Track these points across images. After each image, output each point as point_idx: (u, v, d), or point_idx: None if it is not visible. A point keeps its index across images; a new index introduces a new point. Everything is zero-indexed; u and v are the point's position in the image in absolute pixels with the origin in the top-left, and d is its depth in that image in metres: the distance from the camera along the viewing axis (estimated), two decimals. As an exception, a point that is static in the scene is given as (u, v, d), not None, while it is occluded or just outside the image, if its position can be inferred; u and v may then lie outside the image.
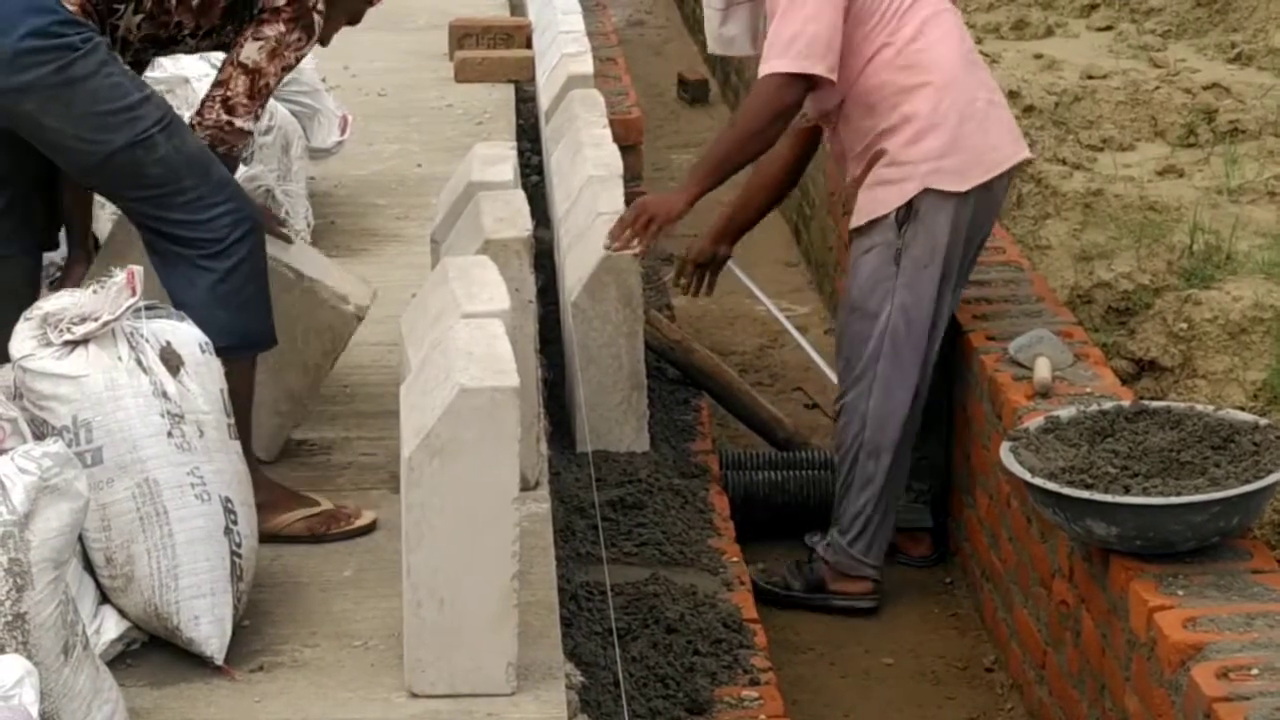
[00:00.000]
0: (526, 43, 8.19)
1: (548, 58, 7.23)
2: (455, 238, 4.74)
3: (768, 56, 5.19)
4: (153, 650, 3.79)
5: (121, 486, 3.69)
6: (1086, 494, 4.29)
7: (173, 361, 3.78)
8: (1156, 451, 4.44)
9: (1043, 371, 5.11)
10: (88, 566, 3.74)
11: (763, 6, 5.30)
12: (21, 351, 3.71)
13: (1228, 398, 5.48)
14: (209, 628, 3.74)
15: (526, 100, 7.96)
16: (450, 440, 3.53)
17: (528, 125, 7.76)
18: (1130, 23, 9.03)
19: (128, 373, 3.72)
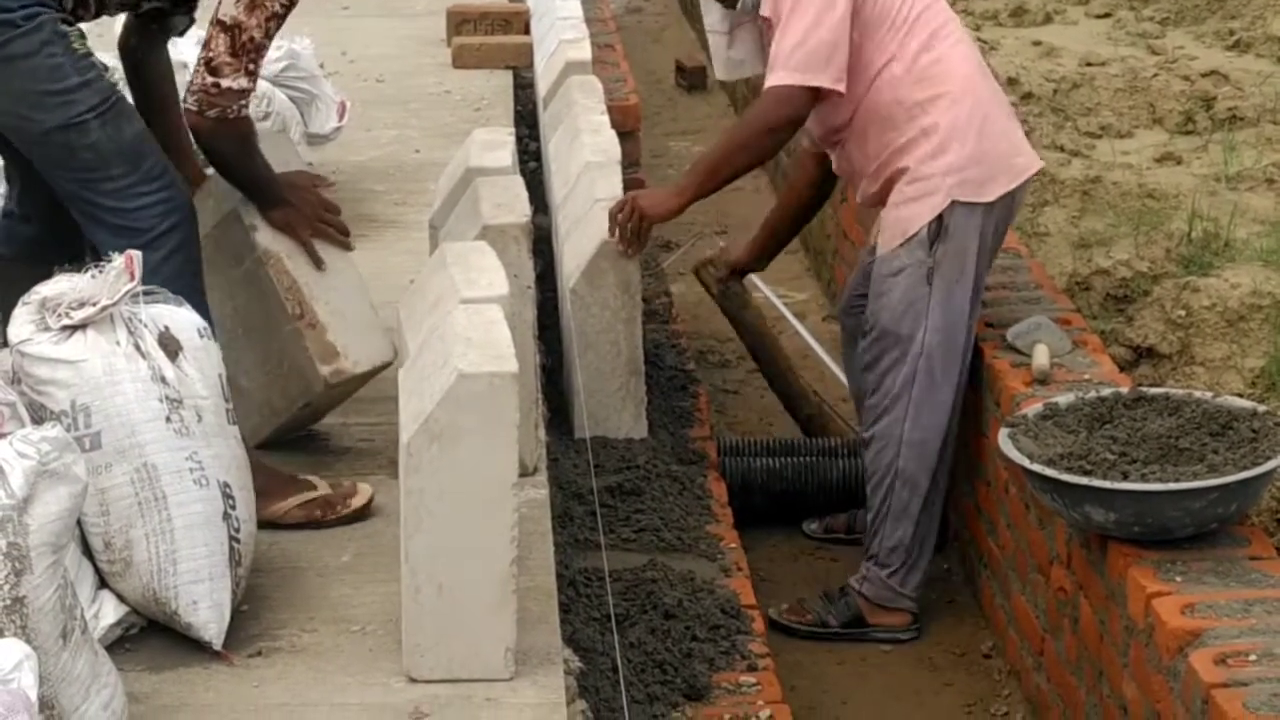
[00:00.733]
0: (524, 29, 8.19)
1: (546, 44, 7.22)
2: (454, 223, 4.74)
3: (771, 68, 5.01)
4: (151, 635, 3.79)
5: (120, 471, 3.69)
6: (1085, 480, 4.29)
7: (171, 346, 3.78)
8: (1155, 438, 4.44)
9: (1041, 358, 5.11)
10: (86, 551, 3.74)
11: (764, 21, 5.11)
12: (20, 336, 3.70)
13: (1226, 385, 5.47)
14: (207, 613, 3.74)
15: (524, 86, 7.96)
16: (449, 426, 3.52)
17: (526, 111, 7.76)
18: (1129, 10, 9.03)
19: (126, 358, 3.71)
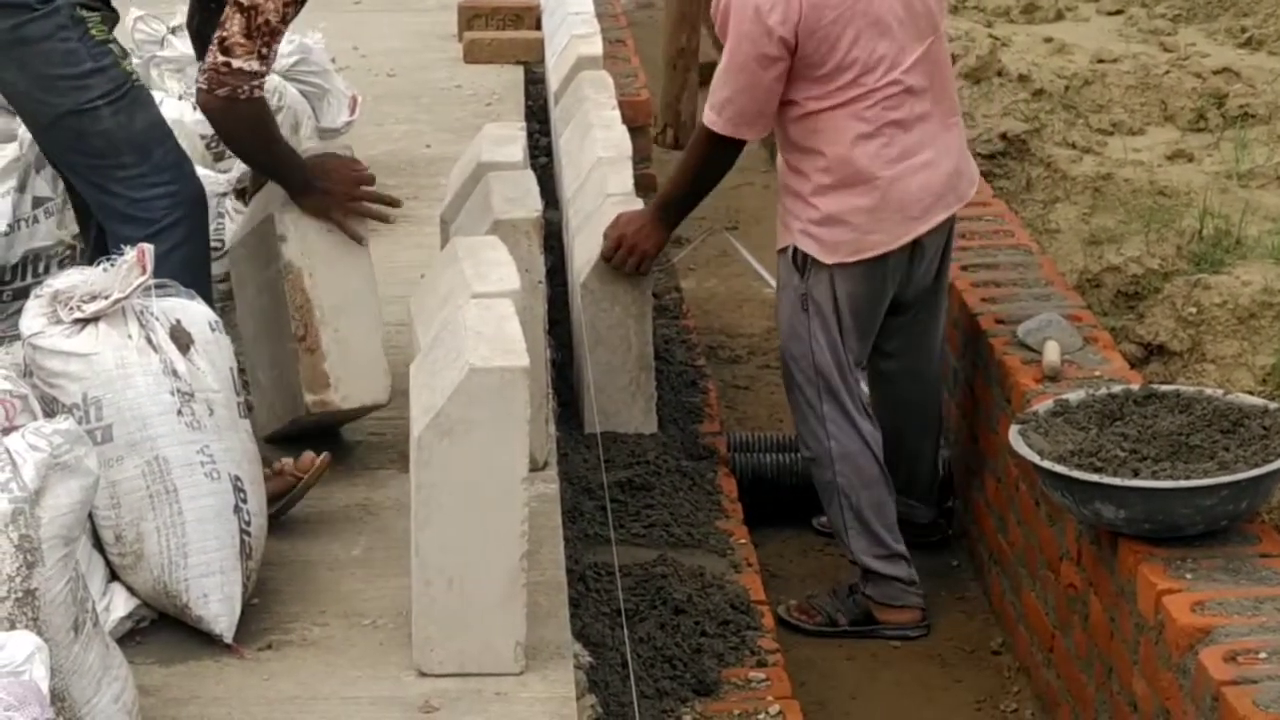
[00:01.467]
0: (536, 24, 8.19)
1: (557, 39, 7.22)
2: (465, 218, 4.74)
3: (710, 101, 5.02)
4: (162, 628, 3.80)
5: (131, 464, 3.69)
6: (1095, 477, 4.29)
7: (183, 340, 3.78)
8: (1165, 435, 4.44)
9: (1052, 355, 5.11)
10: (97, 544, 3.74)
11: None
12: (32, 329, 3.71)
13: (1236, 382, 5.47)
14: (218, 606, 3.74)
15: (535, 81, 7.96)
16: (460, 420, 3.53)
17: (537, 106, 7.77)
18: (1140, 7, 9.02)
19: (138, 351, 3.72)
